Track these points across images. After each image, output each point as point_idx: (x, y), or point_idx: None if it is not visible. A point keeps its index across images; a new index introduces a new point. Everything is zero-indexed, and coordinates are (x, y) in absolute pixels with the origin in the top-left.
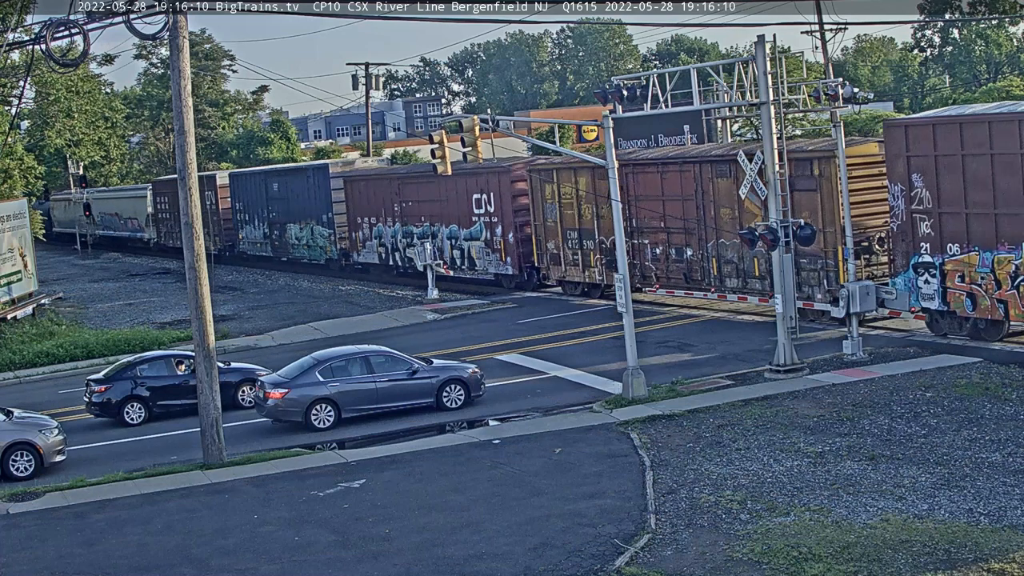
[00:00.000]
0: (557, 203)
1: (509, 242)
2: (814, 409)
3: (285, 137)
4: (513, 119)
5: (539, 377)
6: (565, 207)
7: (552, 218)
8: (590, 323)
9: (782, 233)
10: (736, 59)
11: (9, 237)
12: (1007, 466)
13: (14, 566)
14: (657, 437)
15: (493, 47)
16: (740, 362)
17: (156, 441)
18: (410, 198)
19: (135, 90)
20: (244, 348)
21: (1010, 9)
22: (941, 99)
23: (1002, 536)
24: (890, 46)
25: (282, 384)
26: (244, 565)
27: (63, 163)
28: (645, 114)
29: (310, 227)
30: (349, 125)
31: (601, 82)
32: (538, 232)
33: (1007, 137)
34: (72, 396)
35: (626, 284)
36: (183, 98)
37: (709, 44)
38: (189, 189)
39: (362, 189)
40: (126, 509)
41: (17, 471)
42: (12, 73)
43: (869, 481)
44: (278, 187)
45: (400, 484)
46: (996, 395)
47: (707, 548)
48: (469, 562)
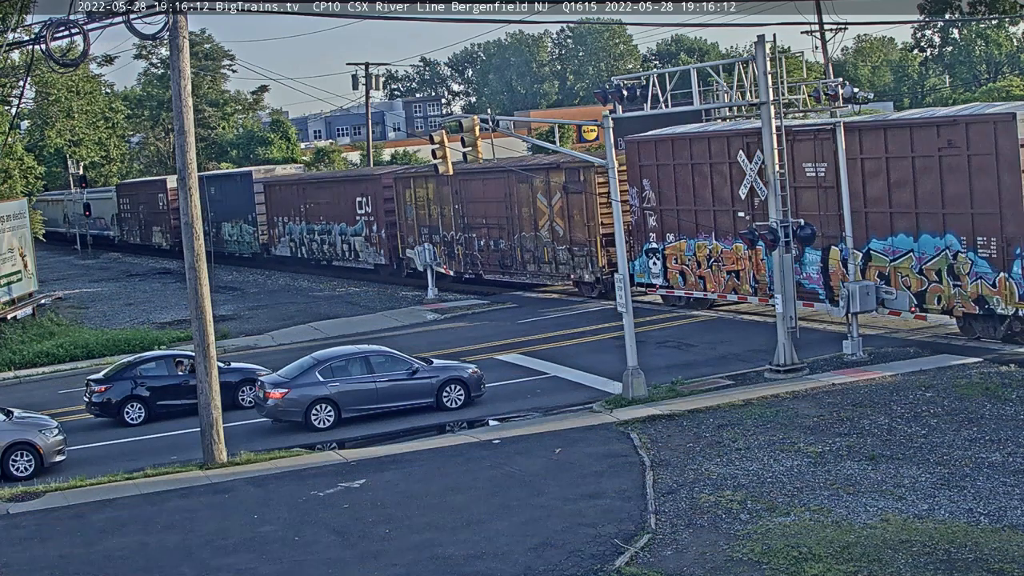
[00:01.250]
0: (414, 205)
1: (382, 237)
2: (814, 409)
3: (285, 137)
4: (513, 119)
5: (539, 377)
6: (419, 208)
7: (411, 217)
8: (590, 323)
9: (782, 233)
10: (736, 59)
11: (9, 237)
12: (1007, 466)
13: (14, 566)
14: (657, 437)
15: (493, 47)
16: (740, 362)
17: (156, 441)
18: (312, 200)
19: (135, 90)
20: (244, 348)
21: (1010, 9)
22: (941, 99)
23: (1002, 536)
24: (890, 46)
25: (282, 384)
26: (244, 565)
27: (63, 163)
28: (645, 114)
29: (239, 225)
30: (349, 125)
31: (601, 82)
32: (401, 229)
33: (703, 152)
34: (72, 396)
35: (626, 284)
36: (183, 98)
37: (709, 44)
38: (189, 189)
39: (278, 193)
40: (126, 509)
41: (17, 471)
42: (12, 73)
43: (869, 481)
44: (215, 191)
45: (400, 484)
46: (996, 395)
47: (707, 548)
48: (469, 562)
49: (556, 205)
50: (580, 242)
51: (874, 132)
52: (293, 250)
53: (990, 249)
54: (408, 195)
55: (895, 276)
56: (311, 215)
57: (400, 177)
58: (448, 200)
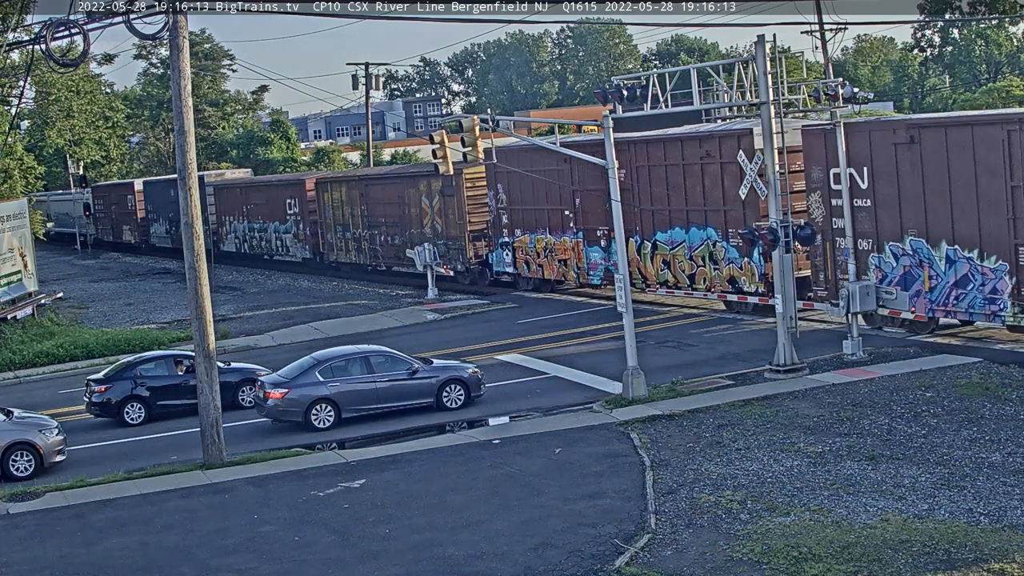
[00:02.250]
0: (331, 206)
1: (307, 234)
2: (814, 409)
3: (285, 137)
4: (513, 119)
5: (539, 377)
6: (335, 209)
7: (328, 216)
8: (590, 323)
9: (782, 233)
10: (736, 59)
11: (9, 237)
12: (1007, 466)
13: (14, 566)
14: (657, 437)
15: (493, 47)
16: (740, 362)
17: (156, 441)
18: (252, 202)
19: (135, 90)
20: (244, 348)
21: (1010, 9)
22: (941, 99)
23: (1002, 536)
24: (890, 46)
25: (282, 384)
26: (244, 565)
27: (63, 163)
28: (645, 114)
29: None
30: (349, 125)
31: (601, 82)
32: (322, 227)
33: (540, 161)
34: (72, 396)
35: (626, 284)
36: (183, 98)
37: (709, 44)
38: (189, 189)
39: (225, 195)
40: (126, 509)
41: (17, 471)
42: (12, 73)
43: (869, 481)
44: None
45: (400, 484)
46: (996, 395)
47: (707, 548)
48: (469, 562)
49: (436, 206)
50: (454, 237)
51: (656, 144)
52: (238, 246)
53: (737, 239)
54: (327, 197)
55: (674, 262)
56: (252, 215)
57: (320, 182)
58: (357, 202)
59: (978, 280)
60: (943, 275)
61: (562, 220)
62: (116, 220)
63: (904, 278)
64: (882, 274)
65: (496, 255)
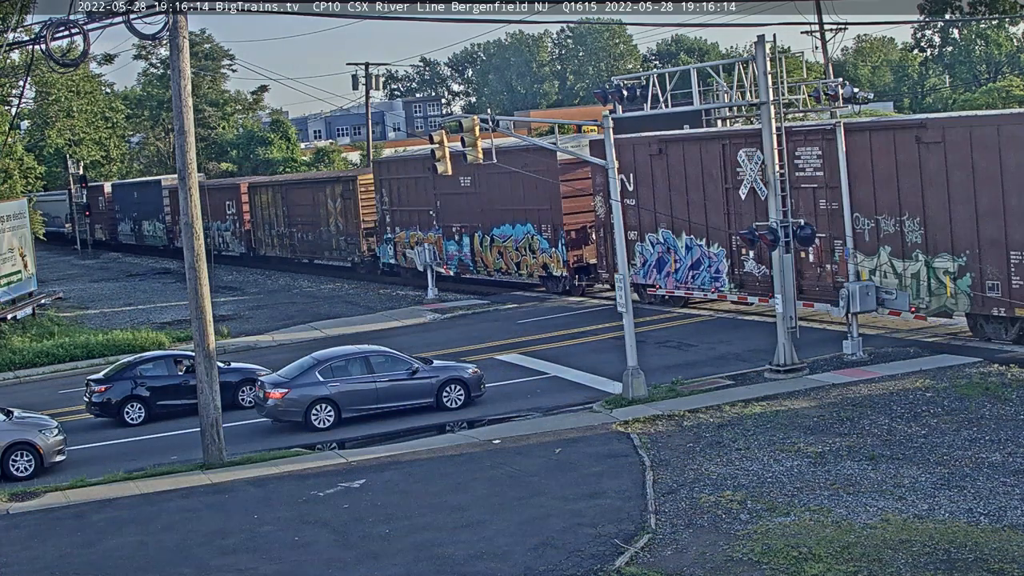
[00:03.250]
0: (260, 207)
1: (242, 232)
2: (814, 409)
3: (285, 137)
4: (513, 119)
5: (539, 377)
6: (264, 209)
7: (258, 216)
8: (590, 323)
9: (782, 233)
10: (736, 59)
11: (9, 237)
12: (1007, 466)
13: (14, 566)
14: (657, 437)
15: (493, 47)
16: (740, 362)
17: (156, 441)
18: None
19: (135, 90)
20: (244, 348)
21: (1010, 9)
22: (941, 99)
23: (1002, 536)
24: (890, 46)
25: (282, 384)
26: (244, 565)
27: (63, 163)
28: (645, 114)
29: (154, 222)
30: (349, 125)
31: (601, 82)
32: (254, 225)
33: (412, 168)
34: (72, 396)
35: (626, 284)
36: (183, 98)
37: (709, 44)
38: (189, 189)
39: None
40: (126, 509)
41: (17, 471)
42: (12, 73)
43: (869, 481)
44: (137, 194)
45: (400, 484)
46: (996, 395)
47: (707, 548)
48: (469, 562)
49: (338, 208)
50: (351, 233)
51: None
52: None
53: (547, 233)
54: (257, 199)
55: (506, 253)
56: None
57: (252, 186)
58: (280, 203)
59: (706, 263)
60: (683, 259)
61: (429, 219)
62: (91, 219)
63: (659, 262)
64: (644, 259)
65: (382, 249)
